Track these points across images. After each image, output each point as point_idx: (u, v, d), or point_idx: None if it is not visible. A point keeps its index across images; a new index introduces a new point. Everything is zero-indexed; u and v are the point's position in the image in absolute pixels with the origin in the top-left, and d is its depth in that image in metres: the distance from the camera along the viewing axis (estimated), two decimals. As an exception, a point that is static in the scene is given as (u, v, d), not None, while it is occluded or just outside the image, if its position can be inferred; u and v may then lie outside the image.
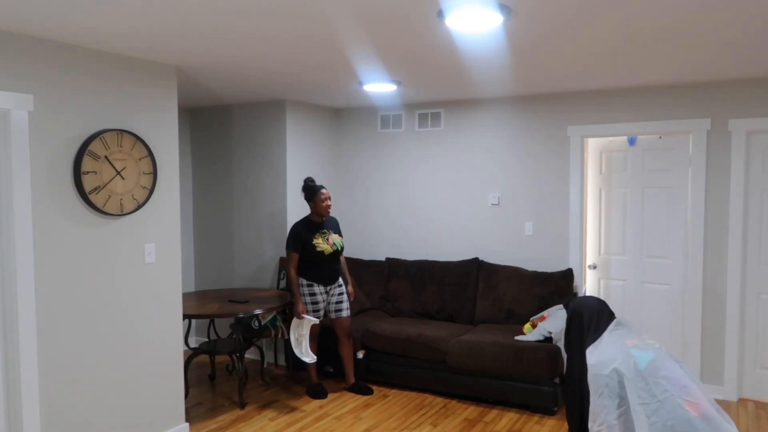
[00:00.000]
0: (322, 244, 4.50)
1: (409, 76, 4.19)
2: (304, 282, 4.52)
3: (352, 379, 4.77)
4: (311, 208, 4.55)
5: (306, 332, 4.40)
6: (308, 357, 4.41)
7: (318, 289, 4.53)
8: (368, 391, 4.69)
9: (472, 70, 3.96)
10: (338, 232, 4.70)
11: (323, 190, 4.51)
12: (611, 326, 3.19)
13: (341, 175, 6.04)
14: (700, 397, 2.76)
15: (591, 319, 3.24)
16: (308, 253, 4.47)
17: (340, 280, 4.69)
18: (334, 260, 4.59)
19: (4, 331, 2.97)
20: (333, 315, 4.64)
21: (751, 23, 2.83)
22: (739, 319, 4.44)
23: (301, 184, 5.54)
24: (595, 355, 3.06)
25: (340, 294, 4.65)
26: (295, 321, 4.44)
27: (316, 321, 4.45)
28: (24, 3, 2.46)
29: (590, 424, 3.00)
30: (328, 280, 4.57)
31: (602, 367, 2.99)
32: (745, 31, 2.96)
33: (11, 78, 2.90)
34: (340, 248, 4.61)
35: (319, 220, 4.57)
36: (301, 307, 4.40)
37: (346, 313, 4.64)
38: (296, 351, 4.41)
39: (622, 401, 2.87)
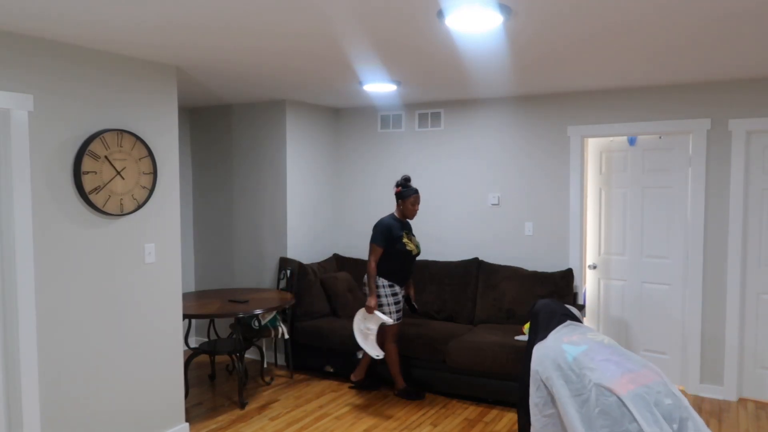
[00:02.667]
0: (410, 243, 4.45)
1: (409, 76, 4.19)
2: (386, 283, 4.42)
3: (402, 383, 4.61)
4: (399, 206, 4.46)
5: (374, 327, 4.32)
6: (376, 351, 4.30)
7: (398, 289, 4.45)
8: (419, 396, 4.57)
9: (472, 70, 3.96)
10: (414, 235, 4.64)
11: (418, 194, 4.46)
12: (560, 326, 3.32)
13: (341, 175, 6.04)
14: (622, 383, 2.80)
15: (545, 319, 3.40)
16: (395, 250, 4.39)
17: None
18: (413, 262, 4.54)
19: (4, 331, 2.97)
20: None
21: (751, 23, 2.83)
22: (739, 319, 4.44)
23: (302, 183, 5.55)
24: (537, 351, 3.22)
25: (404, 296, 4.61)
26: (361, 314, 4.36)
27: (389, 321, 4.32)
28: (24, 3, 2.46)
29: (531, 417, 3.13)
30: (403, 281, 4.50)
31: (537, 363, 3.14)
32: (745, 31, 2.96)
33: (11, 78, 2.90)
34: (420, 250, 4.57)
35: (403, 220, 4.51)
36: (373, 302, 4.31)
37: (399, 318, 4.52)
38: (362, 344, 4.31)
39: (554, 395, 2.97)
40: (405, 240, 4.41)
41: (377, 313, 4.32)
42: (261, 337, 4.77)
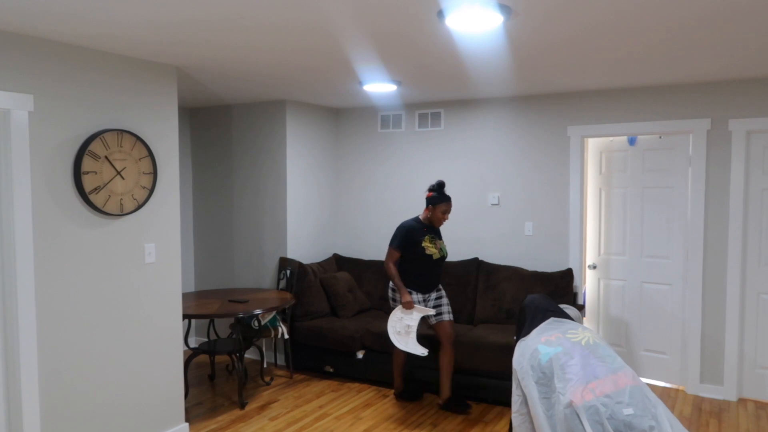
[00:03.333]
0: (431, 247, 4.22)
1: (409, 76, 4.19)
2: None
3: (447, 393, 4.32)
4: (428, 211, 4.24)
5: (415, 324, 4.10)
6: (420, 350, 4.05)
7: (416, 297, 4.24)
8: (465, 408, 4.27)
9: (472, 70, 3.96)
10: (442, 239, 4.41)
11: (450, 203, 4.25)
12: (544, 323, 3.33)
13: (341, 175, 6.04)
14: (583, 392, 2.82)
15: (530, 315, 3.43)
16: (414, 255, 4.20)
17: (439, 285, 4.43)
18: (438, 267, 4.31)
19: (4, 331, 2.97)
20: (433, 320, 4.31)
21: (751, 23, 2.83)
22: (739, 319, 4.44)
23: (302, 183, 5.54)
24: (518, 349, 3.26)
25: (438, 298, 4.36)
26: (398, 313, 4.13)
27: (431, 312, 4.18)
28: (24, 3, 2.46)
29: (512, 412, 3.19)
30: (426, 288, 4.29)
31: (516, 361, 3.19)
32: (745, 31, 2.97)
33: (11, 78, 2.90)
34: (446, 254, 4.36)
35: (428, 224, 4.30)
36: (408, 297, 4.11)
37: (447, 316, 4.32)
38: (400, 345, 4.07)
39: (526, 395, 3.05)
40: (426, 244, 4.20)
41: (418, 306, 4.14)
42: (261, 337, 4.77)
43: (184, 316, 4.05)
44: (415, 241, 4.21)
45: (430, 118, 5.54)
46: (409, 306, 4.13)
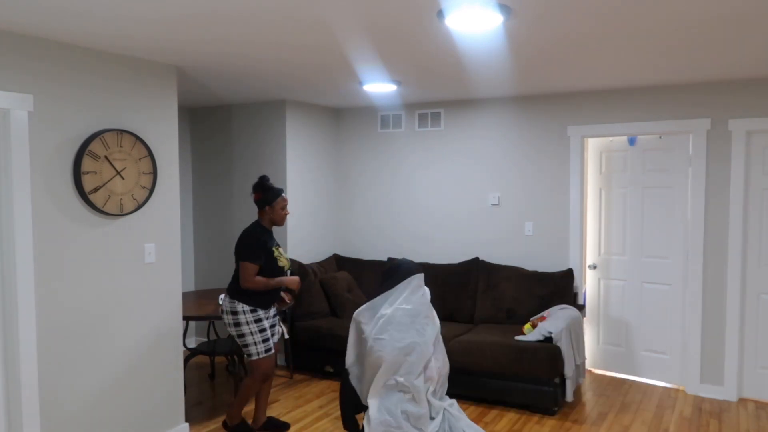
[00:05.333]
0: (282, 258, 3.78)
1: (409, 76, 4.19)
2: (247, 308, 3.64)
3: (264, 417, 4.00)
4: (265, 213, 3.74)
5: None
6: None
7: (262, 314, 3.71)
8: (285, 427, 4.02)
9: (472, 70, 3.96)
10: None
11: (284, 195, 3.78)
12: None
13: (341, 175, 6.04)
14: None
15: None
16: (266, 267, 3.67)
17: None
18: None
19: (3, 331, 2.97)
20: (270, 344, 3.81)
21: (751, 23, 2.83)
22: (739, 319, 4.44)
23: (301, 183, 5.54)
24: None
25: (275, 316, 3.91)
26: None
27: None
28: (24, 3, 2.46)
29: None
30: (269, 304, 3.78)
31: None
32: (745, 31, 2.96)
33: (11, 78, 2.90)
34: (290, 266, 3.95)
35: (269, 229, 3.80)
36: (294, 279, 3.80)
37: (278, 337, 3.97)
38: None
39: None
40: (277, 254, 3.74)
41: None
42: (261, 337, 4.76)
43: (183, 318, 4.04)
44: (268, 251, 3.68)
45: (430, 118, 5.54)
46: (296, 283, 3.82)
